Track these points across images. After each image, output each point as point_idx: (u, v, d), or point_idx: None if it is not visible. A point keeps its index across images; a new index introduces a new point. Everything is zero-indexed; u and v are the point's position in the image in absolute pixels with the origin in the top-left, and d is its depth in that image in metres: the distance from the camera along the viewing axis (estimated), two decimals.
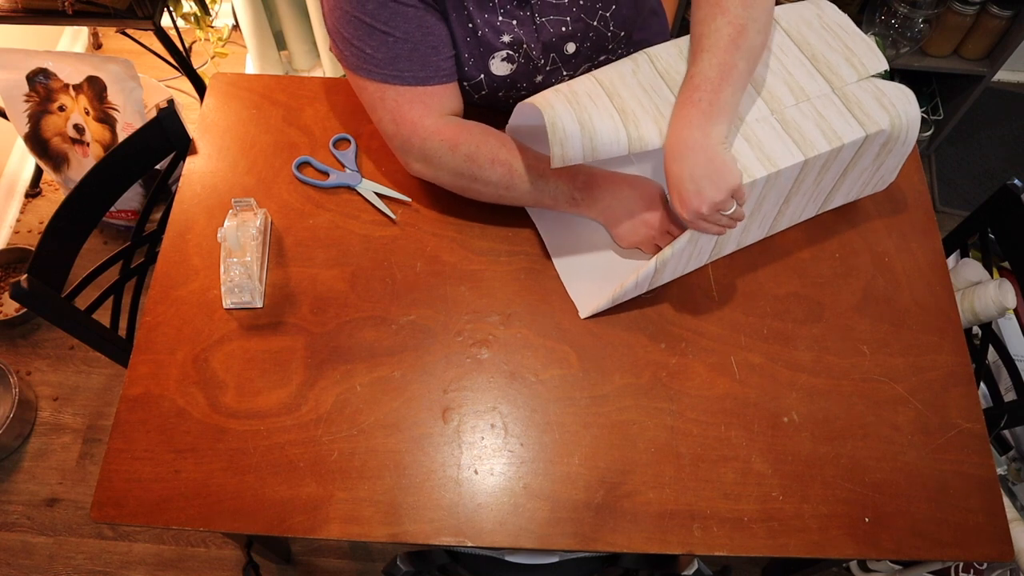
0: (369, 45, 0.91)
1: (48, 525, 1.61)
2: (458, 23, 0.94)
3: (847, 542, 0.85)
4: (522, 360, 0.95)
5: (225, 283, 0.97)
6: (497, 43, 0.96)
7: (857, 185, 1.01)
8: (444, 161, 0.96)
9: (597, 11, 0.98)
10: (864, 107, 0.90)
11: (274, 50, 2.12)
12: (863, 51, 0.94)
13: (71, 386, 1.78)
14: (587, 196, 0.96)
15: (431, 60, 0.93)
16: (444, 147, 0.95)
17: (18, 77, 1.66)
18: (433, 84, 0.95)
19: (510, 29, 0.95)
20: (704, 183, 0.82)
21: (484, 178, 0.95)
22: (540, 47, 0.98)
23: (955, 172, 2.16)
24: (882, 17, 1.79)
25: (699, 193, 0.83)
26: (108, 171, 1.08)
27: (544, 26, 0.96)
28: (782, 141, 0.88)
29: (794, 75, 0.93)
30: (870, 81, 0.93)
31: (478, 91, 1.02)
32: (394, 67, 0.92)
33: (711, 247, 0.97)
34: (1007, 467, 1.39)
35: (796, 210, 1.00)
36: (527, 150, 0.96)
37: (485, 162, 0.94)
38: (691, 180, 0.83)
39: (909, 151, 0.97)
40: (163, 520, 0.84)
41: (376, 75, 0.93)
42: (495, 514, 0.85)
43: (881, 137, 0.91)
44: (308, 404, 0.91)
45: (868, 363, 0.96)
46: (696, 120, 0.83)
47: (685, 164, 0.83)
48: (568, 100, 0.87)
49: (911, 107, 0.91)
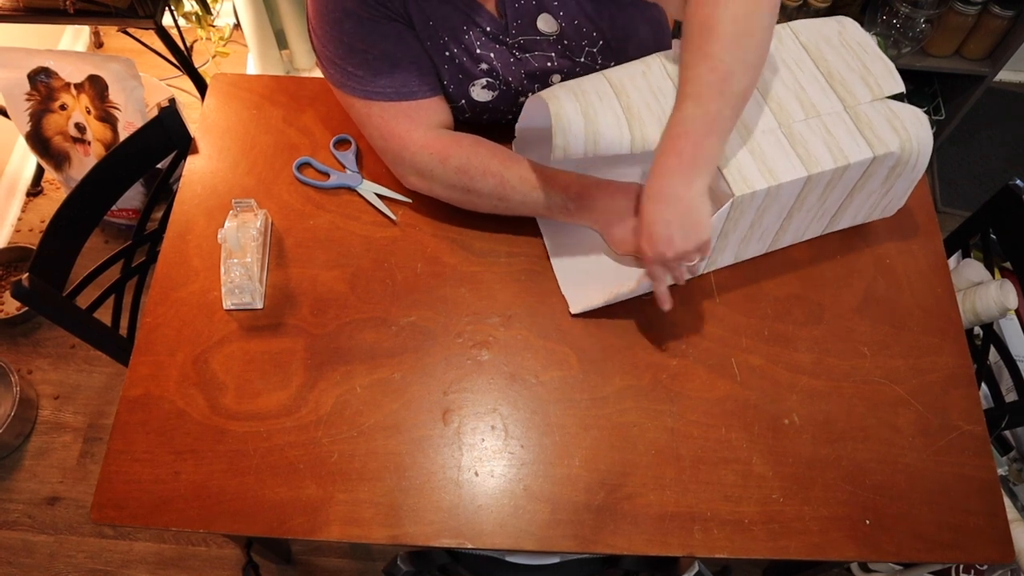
0: (351, 63, 0.92)
1: (49, 524, 1.61)
2: (435, 50, 0.94)
3: (848, 544, 0.85)
4: (522, 362, 0.95)
5: (225, 284, 0.97)
6: (476, 71, 0.96)
7: (864, 208, 0.99)
8: (436, 174, 0.96)
9: (583, 48, 0.97)
10: (875, 128, 0.89)
11: (275, 49, 2.12)
12: (881, 72, 0.93)
13: (72, 385, 1.78)
14: (580, 205, 0.94)
15: (412, 75, 0.94)
16: (434, 160, 0.95)
17: (19, 76, 1.66)
18: (417, 98, 0.95)
19: (488, 59, 0.95)
20: (676, 232, 0.82)
21: (477, 189, 0.95)
22: (522, 78, 0.98)
23: (956, 172, 2.16)
24: (883, 17, 1.79)
25: (669, 240, 0.82)
26: (109, 170, 1.08)
27: (527, 60, 0.96)
28: (786, 155, 0.87)
29: (807, 90, 0.92)
30: (884, 103, 0.91)
31: (461, 114, 1.03)
32: (375, 84, 0.93)
33: (706, 260, 0.96)
34: (1008, 468, 1.39)
35: (800, 227, 0.99)
36: (520, 161, 0.95)
37: (477, 173, 0.94)
38: (664, 225, 0.82)
39: (919, 177, 0.94)
40: (163, 521, 0.84)
41: (360, 92, 0.93)
42: (495, 516, 0.85)
43: (890, 160, 0.89)
44: (308, 406, 0.91)
45: (869, 365, 0.96)
46: (678, 171, 0.81)
47: (661, 210, 0.82)
48: (575, 95, 0.86)
49: (923, 132, 0.89)
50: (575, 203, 0.94)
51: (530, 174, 0.94)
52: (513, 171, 0.94)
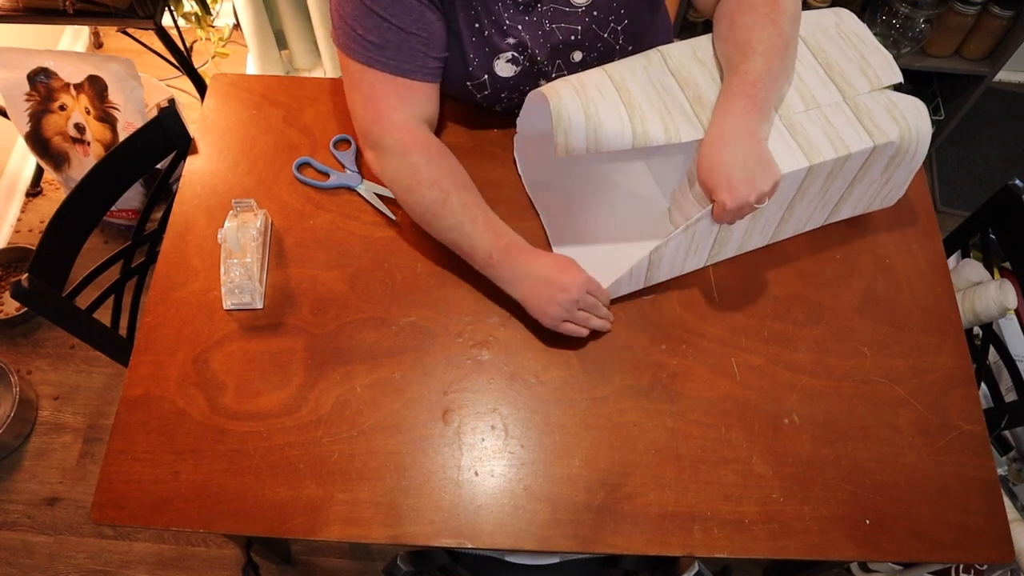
0: (362, 26, 0.91)
1: (49, 524, 1.61)
2: (465, 22, 0.94)
3: (848, 544, 0.85)
4: (522, 361, 0.95)
5: (225, 284, 0.97)
6: (502, 44, 0.96)
7: (865, 198, 1.00)
8: (390, 161, 0.96)
9: (609, 23, 0.97)
10: (874, 118, 0.89)
11: (275, 49, 2.12)
12: (879, 62, 0.93)
13: (72, 385, 1.78)
14: (505, 259, 0.92)
15: (418, 55, 0.93)
16: (397, 147, 0.95)
17: (19, 76, 1.66)
18: (414, 79, 0.95)
19: (516, 32, 0.95)
20: (756, 171, 0.82)
21: (417, 195, 0.94)
22: (547, 52, 0.98)
23: (956, 172, 2.16)
24: (883, 17, 1.79)
25: (750, 180, 0.82)
26: (109, 170, 1.08)
27: (553, 32, 0.96)
28: (788, 146, 0.87)
29: (806, 81, 0.92)
30: (883, 93, 0.92)
31: (481, 91, 1.02)
32: (380, 52, 0.92)
33: (709, 247, 0.96)
34: (1008, 467, 1.39)
35: (801, 218, 0.99)
36: (472, 195, 0.94)
37: (426, 180, 0.93)
38: (744, 167, 0.82)
39: (918, 166, 0.95)
40: (163, 521, 0.84)
41: (361, 56, 0.93)
42: (495, 516, 0.85)
43: (890, 149, 0.90)
44: (308, 405, 0.91)
45: (869, 364, 0.96)
46: (752, 112, 0.84)
47: (738, 151, 0.83)
48: (576, 90, 0.86)
49: (922, 121, 0.90)
50: (501, 254, 0.92)
51: (475, 209, 0.93)
52: (461, 197, 0.93)
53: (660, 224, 1.03)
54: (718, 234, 0.94)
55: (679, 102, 0.89)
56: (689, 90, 0.90)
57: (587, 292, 0.91)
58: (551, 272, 0.91)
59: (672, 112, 0.88)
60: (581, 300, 0.91)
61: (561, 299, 0.90)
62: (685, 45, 0.94)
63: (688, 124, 0.88)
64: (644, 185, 1.07)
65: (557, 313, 0.91)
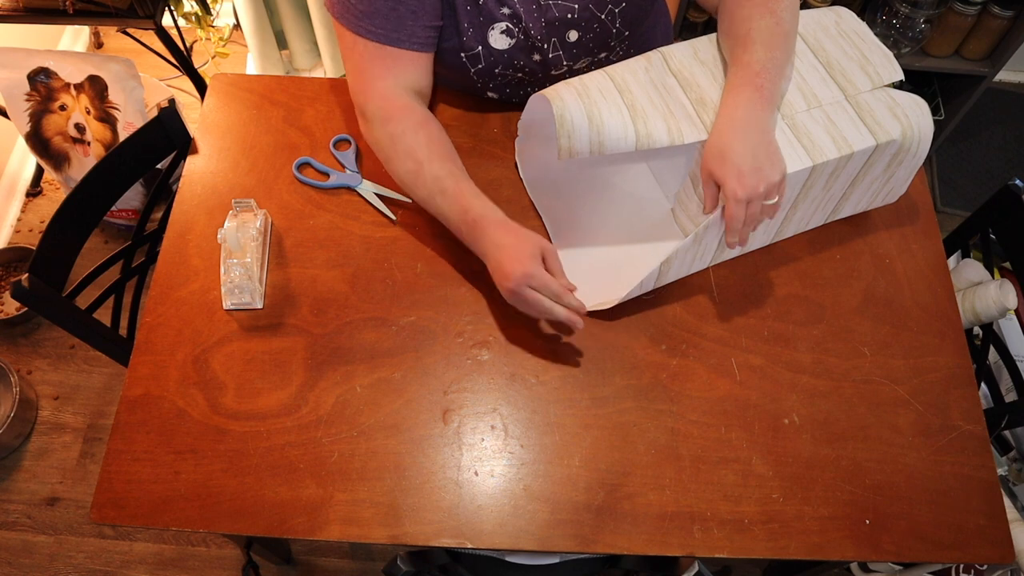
0: None
1: (49, 524, 1.61)
2: None
3: (848, 544, 0.85)
4: (522, 361, 0.95)
5: (225, 284, 0.97)
6: (497, 14, 0.96)
7: (867, 196, 1.00)
8: (372, 129, 0.98)
9: (607, 5, 0.97)
10: (876, 116, 0.89)
11: (275, 49, 2.12)
12: (879, 60, 0.93)
13: (72, 385, 1.78)
14: (471, 233, 0.91)
15: (407, 23, 0.94)
16: (379, 115, 0.96)
17: (19, 76, 1.66)
18: (403, 47, 0.95)
19: (511, 3, 0.95)
20: (765, 162, 0.83)
21: (394, 166, 0.96)
22: (541, 27, 0.97)
23: (956, 172, 2.16)
24: (883, 17, 1.79)
25: (759, 171, 0.82)
26: (109, 170, 1.08)
27: (549, 7, 0.96)
28: (791, 146, 0.87)
29: (807, 80, 0.92)
30: (884, 90, 0.92)
31: (475, 64, 1.02)
32: (370, 21, 0.93)
33: (715, 248, 0.96)
34: (1008, 468, 1.39)
35: (803, 217, 0.99)
36: (449, 165, 0.93)
37: (402, 150, 0.95)
38: (751, 156, 0.83)
39: (920, 163, 0.95)
40: (163, 521, 0.84)
41: (351, 25, 0.94)
42: (495, 516, 0.85)
43: (892, 147, 0.90)
44: (308, 405, 0.91)
45: (869, 365, 0.96)
46: (759, 102, 0.84)
47: (748, 141, 0.83)
48: (578, 93, 0.86)
49: (924, 118, 0.90)
50: (468, 227, 0.92)
51: (445, 180, 0.92)
52: (435, 168, 0.93)
53: (662, 226, 1.03)
54: (723, 237, 0.94)
55: (681, 103, 0.89)
56: (691, 91, 0.90)
57: (528, 287, 0.86)
58: (502, 256, 0.88)
59: (675, 113, 0.88)
60: (519, 292, 0.87)
61: (503, 285, 0.89)
62: (686, 46, 0.94)
63: (691, 125, 0.88)
64: (646, 187, 1.07)
65: (506, 296, 0.90)
